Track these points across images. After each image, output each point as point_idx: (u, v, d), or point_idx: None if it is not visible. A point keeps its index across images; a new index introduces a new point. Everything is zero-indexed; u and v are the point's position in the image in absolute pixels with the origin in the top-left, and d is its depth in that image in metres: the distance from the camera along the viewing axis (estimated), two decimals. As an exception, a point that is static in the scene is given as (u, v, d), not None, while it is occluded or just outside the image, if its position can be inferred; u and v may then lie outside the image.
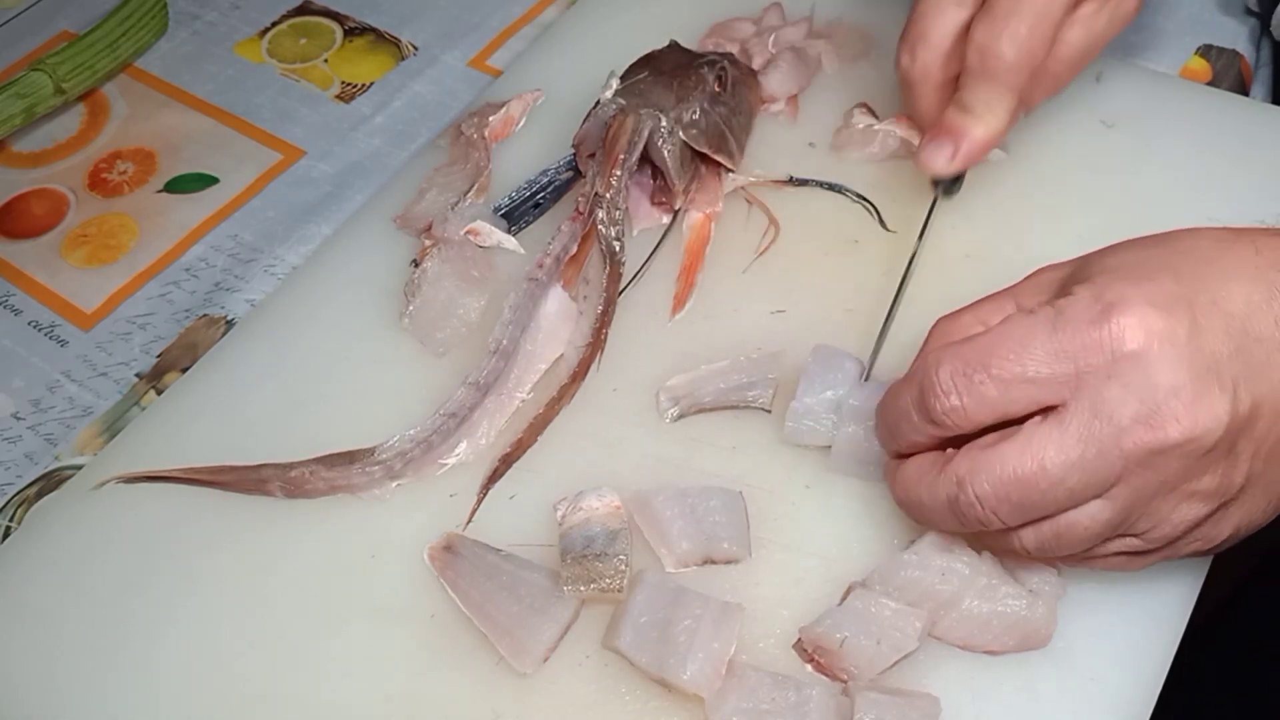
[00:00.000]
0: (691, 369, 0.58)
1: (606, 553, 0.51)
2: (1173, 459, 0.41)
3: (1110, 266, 0.43)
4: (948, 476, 0.43)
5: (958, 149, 0.57)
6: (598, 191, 0.62)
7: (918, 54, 0.58)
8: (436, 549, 0.53)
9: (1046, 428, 0.41)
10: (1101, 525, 0.42)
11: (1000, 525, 0.43)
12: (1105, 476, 0.41)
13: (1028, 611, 0.47)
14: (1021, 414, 0.42)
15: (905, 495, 0.46)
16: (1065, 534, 0.43)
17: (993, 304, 0.48)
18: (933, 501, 0.44)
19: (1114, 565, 0.46)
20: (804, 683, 0.47)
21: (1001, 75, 0.56)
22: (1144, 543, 0.44)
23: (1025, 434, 0.42)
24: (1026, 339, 0.41)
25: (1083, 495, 0.42)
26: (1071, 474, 0.41)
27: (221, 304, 0.68)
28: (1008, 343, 0.42)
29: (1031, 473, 0.41)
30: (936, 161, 0.58)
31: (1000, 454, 0.42)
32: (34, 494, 0.61)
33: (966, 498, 0.43)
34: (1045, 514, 0.43)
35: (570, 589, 0.50)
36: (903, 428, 0.45)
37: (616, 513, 0.52)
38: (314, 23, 0.85)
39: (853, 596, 0.49)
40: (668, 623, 0.48)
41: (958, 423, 0.43)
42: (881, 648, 0.47)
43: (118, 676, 0.52)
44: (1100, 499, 0.42)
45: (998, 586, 0.48)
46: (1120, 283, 0.41)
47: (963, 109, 0.57)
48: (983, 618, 0.48)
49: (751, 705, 0.47)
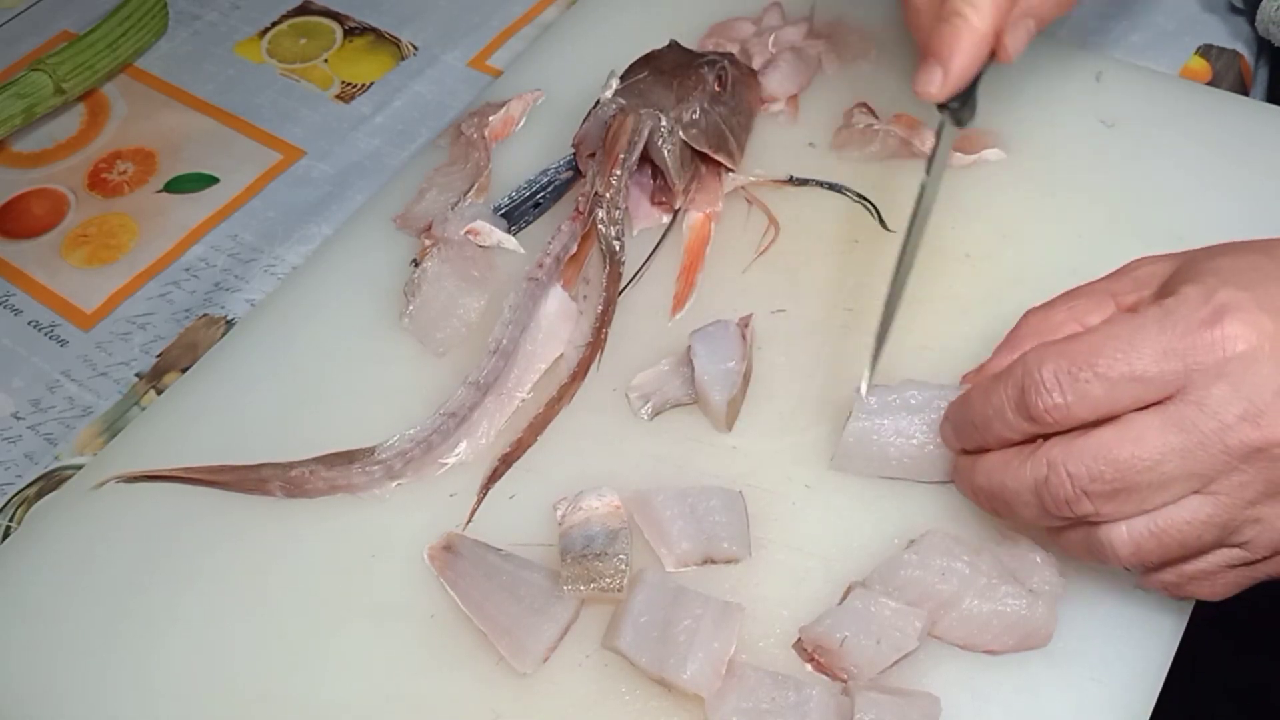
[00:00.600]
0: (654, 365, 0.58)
1: (606, 552, 0.51)
2: (1277, 460, 0.40)
3: (1217, 269, 0.42)
4: (1038, 459, 0.42)
5: (947, 69, 0.53)
6: (598, 191, 0.62)
7: None
8: (436, 549, 0.53)
9: (1148, 414, 0.41)
10: (1201, 525, 0.41)
11: (1090, 508, 0.42)
12: (1205, 469, 0.40)
13: (1027, 611, 0.47)
14: (1123, 411, 0.41)
15: (988, 481, 0.45)
16: (1164, 532, 0.42)
17: (1088, 298, 0.47)
18: (1018, 484, 0.43)
19: (1220, 585, 0.45)
20: (804, 682, 0.47)
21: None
22: (1248, 553, 0.43)
23: (1126, 419, 0.41)
24: (1135, 337, 0.41)
25: (1181, 486, 0.41)
26: (1170, 458, 0.40)
27: (221, 304, 0.68)
28: (1115, 341, 0.41)
29: (1129, 452, 0.40)
30: (929, 85, 0.53)
31: (1097, 436, 0.41)
32: (34, 494, 0.61)
33: (1058, 477, 0.42)
34: (1141, 506, 0.42)
35: (570, 589, 0.50)
36: (994, 425, 0.44)
37: (616, 513, 0.52)
38: (314, 23, 0.85)
39: (853, 596, 0.49)
40: (668, 623, 0.48)
41: (1059, 420, 0.42)
42: (881, 647, 0.47)
43: (118, 676, 0.52)
44: (1200, 494, 0.41)
45: (997, 586, 0.48)
46: (1229, 286, 0.41)
47: (948, 15, 0.52)
48: (983, 617, 0.48)
49: (751, 705, 0.47)
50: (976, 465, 0.46)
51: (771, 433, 0.56)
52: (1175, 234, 0.61)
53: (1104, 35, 0.76)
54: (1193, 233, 0.60)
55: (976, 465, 0.46)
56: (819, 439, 0.56)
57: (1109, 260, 0.48)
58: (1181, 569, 0.44)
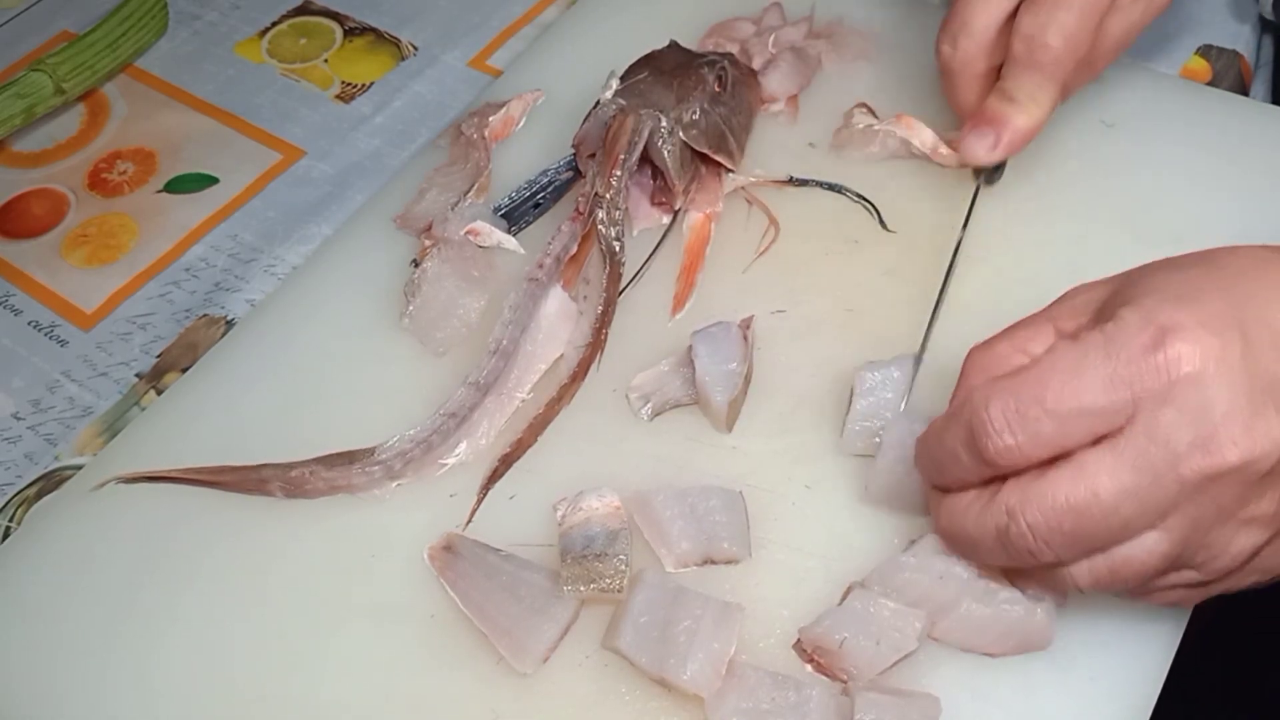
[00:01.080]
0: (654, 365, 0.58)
1: (606, 553, 0.51)
2: (1230, 484, 0.39)
3: (1154, 287, 0.42)
4: (996, 508, 0.42)
5: (999, 138, 0.58)
6: (598, 191, 0.62)
7: (960, 43, 0.58)
8: (436, 549, 0.53)
9: (1100, 454, 0.40)
10: (1159, 559, 0.41)
11: (1052, 557, 0.41)
12: (1161, 505, 0.40)
13: (1026, 616, 0.47)
14: (1076, 446, 0.40)
15: (950, 527, 0.44)
16: (1121, 568, 0.41)
17: (1029, 330, 0.46)
18: (980, 533, 0.43)
19: (1172, 599, 0.45)
20: (804, 683, 0.47)
21: (1047, 65, 0.56)
22: (1202, 575, 0.43)
23: (1078, 462, 0.40)
24: (1079, 367, 0.40)
25: (1138, 525, 0.40)
26: (1126, 502, 0.40)
27: (221, 304, 0.68)
28: (1059, 375, 0.40)
29: (1085, 501, 0.40)
30: (979, 150, 0.58)
31: (1052, 482, 0.40)
32: (34, 494, 0.61)
33: (1018, 528, 0.41)
34: (1099, 546, 0.41)
35: (570, 589, 0.50)
36: (949, 467, 0.44)
37: (616, 513, 0.52)
38: (314, 23, 0.85)
39: (852, 597, 0.49)
40: (668, 623, 0.48)
41: (1012, 462, 0.41)
42: (881, 648, 0.47)
43: (118, 676, 0.52)
44: (1156, 530, 0.40)
45: (996, 591, 0.47)
46: (1169, 305, 0.40)
47: (1006, 98, 0.58)
48: (982, 621, 0.47)
49: (751, 705, 0.47)
50: (940, 508, 0.45)
51: (771, 433, 0.56)
52: (1175, 234, 0.61)
53: (1104, 35, 0.76)
54: (1193, 233, 0.60)
55: (940, 508, 0.45)
56: (819, 439, 0.56)
57: (1109, 260, 0.48)
58: (1135, 590, 0.44)
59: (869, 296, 0.61)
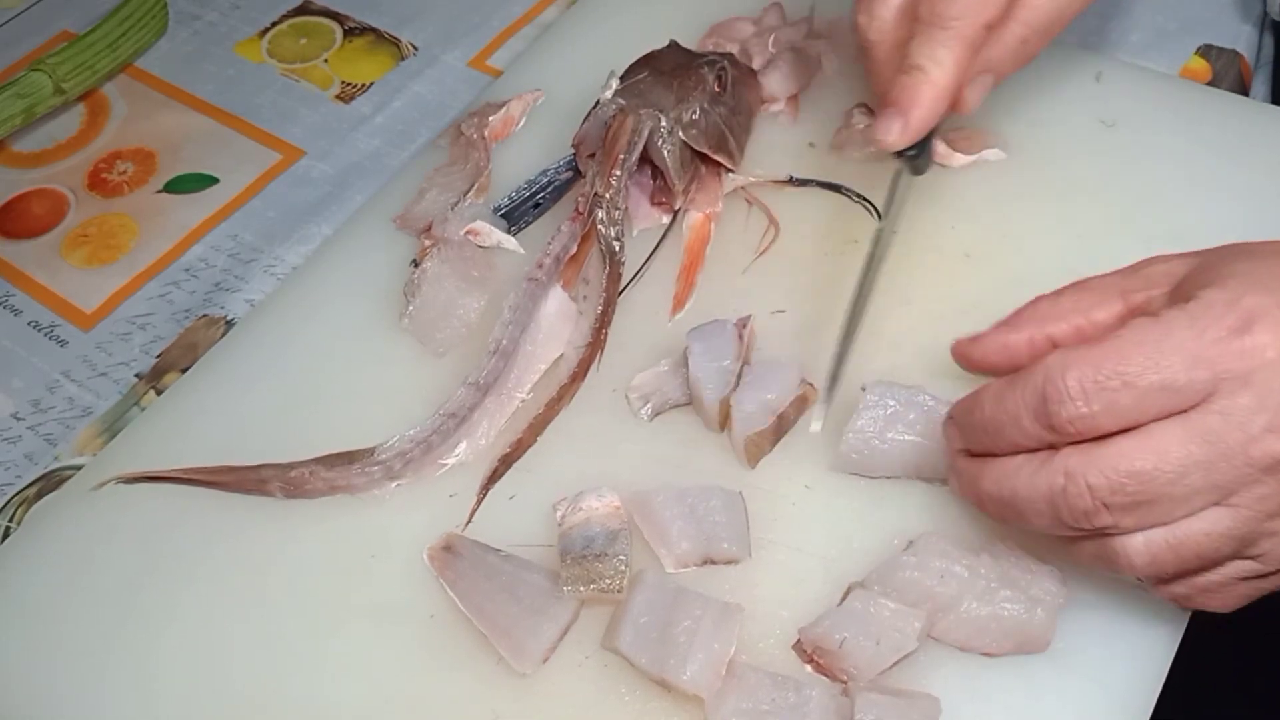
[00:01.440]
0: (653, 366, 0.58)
1: (606, 553, 0.51)
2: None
3: (1239, 271, 0.41)
4: (1053, 469, 0.41)
5: (908, 119, 0.53)
6: (598, 191, 0.62)
7: (875, 11, 0.55)
8: (436, 549, 0.53)
9: (1170, 425, 0.39)
10: (1220, 538, 0.41)
11: (1109, 520, 0.41)
12: (1229, 481, 0.40)
13: (1026, 616, 0.47)
14: (1148, 421, 0.40)
15: (997, 488, 0.43)
16: (1182, 545, 0.41)
17: (1095, 294, 0.46)
18: (1031, 494, 0.42)
19: (1231, 596, 0.44)
20: (804, 683, 0.47)
21: (949, 22, 0.52)
22: (1261, 565, 0.42)
23: (1148, 429, 0.40)
24: (1163, 344, 0.40)
25: (1202, 500, 0.40)
26: (1193, 471, 0.39)
27: (221, 304, 0.68)
28: (1142, 348, 0.40)
29: (1151, 465, 0.39)
30: (888, 134, 0.54)
31: (1118, 446, 0.40)
32: (34, 494, 0.61)
33: (1076, 488, 0.40)
34: (1160, 517, 0.41)
35: (570, 589, 0.50)
36: (1006, 430, 0.42)
37: (616, 513, 0.52)
38: (314, 23, 0.85)
39: (852, 597, 0.49)
40: (668, 623, 0.48)
41: (1082, 430, 0.40)
42: (881, 648, 0.47)
43: (117, 676, 0.52)
44: (1220, 506, 0.40)
45: (996, 590, 0.47)
46: (1256, 291, 0.40)
47: (910, 68, 0.53)
48: (981, 620, 0.48)
49: (751, 705, 0.47)
50: (985, 470, 0.44)
51: (771, 433, 0.56)
52: (1175, 234, 0.61)
53: (1104, 35, 0.76)
54: (1192, 233, 0.60)
55: (985, 470, 0.44)
56: (819, 439, 0.55)
57: (1108, 260, 0.48)
58: (1194, 581, 0.43)
59: (869, 296, 0.60)
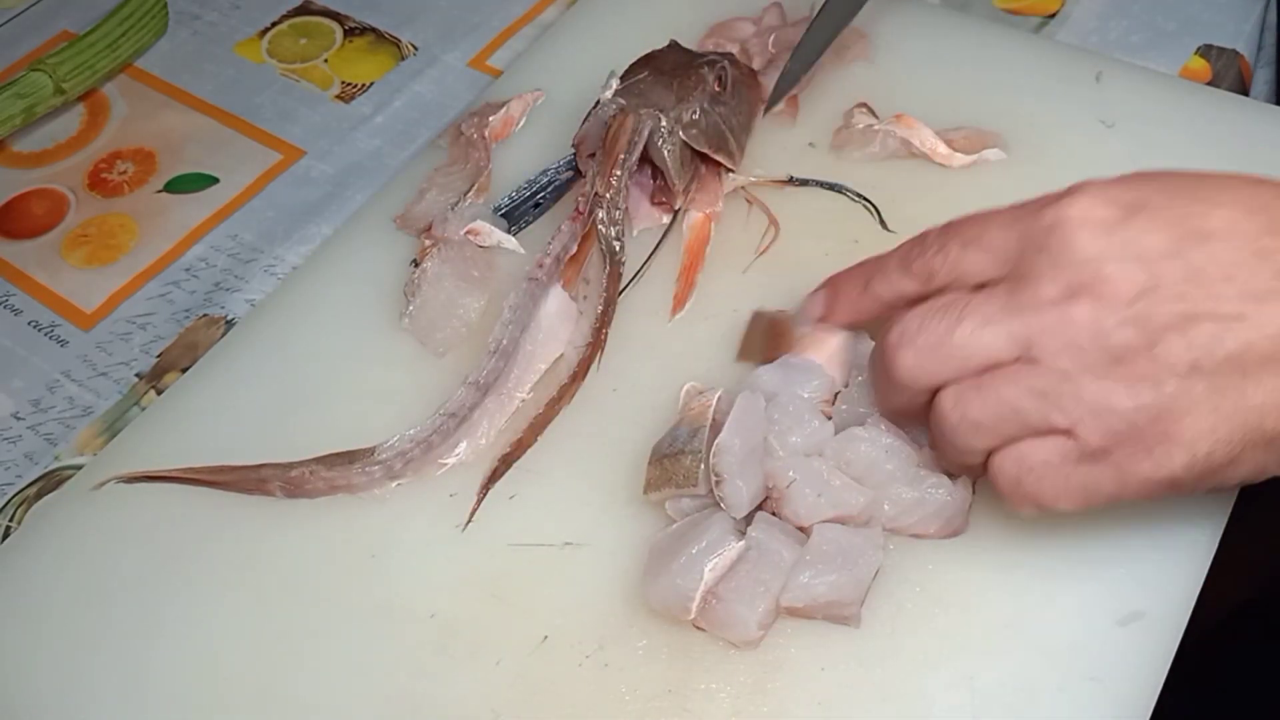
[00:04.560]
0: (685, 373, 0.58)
1: (685, 450, 0.51)
2: (1085, 306, 0.41)
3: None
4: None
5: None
6: (598, 191, 0.62)
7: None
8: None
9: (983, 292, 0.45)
10: (1023, 390, 0.42)
11: (920, 378, 0.45)
12: (1028, 334, 0.42)
13: (949, 498, 0.50)
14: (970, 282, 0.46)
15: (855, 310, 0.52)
16: (983, 387, 0.43)
17: None
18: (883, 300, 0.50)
19: (1064, 485, 0.43)
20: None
21: None
22: (1079, 443, 0.42)
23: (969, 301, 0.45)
24: (990, 215, 0.46)
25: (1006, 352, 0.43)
26: (996, 324, 0.43)
27: (221, 304, 0.68)
28: (974, 218, 0.47)
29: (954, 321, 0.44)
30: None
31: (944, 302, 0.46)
32: (34, 494, 0.61)
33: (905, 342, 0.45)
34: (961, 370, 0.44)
35: (652, 495, 0.51)
36: (875, 285, 0.50)
37: (705, 411, 0.52)
38: (314, 23, 0.85)
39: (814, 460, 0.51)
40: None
41: (928, 269, 0.47)
42: (822, 501, 0.50)
43: (118, 676, 0.52)
44: (1022, 362, 0.43)
45: (925, 477, 0.50)
46: (1099, 181, 0.44)
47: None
48: (908, 503, 0.50)
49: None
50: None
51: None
52: (1175, 234, 0.61)
53: (1104, 35, 0.76)
54: (1193, 233, 0.60)
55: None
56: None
57: (1109, 260, 0.48)
58: (1020, 455, 0.43)
59: (869, 296, 0.61)
